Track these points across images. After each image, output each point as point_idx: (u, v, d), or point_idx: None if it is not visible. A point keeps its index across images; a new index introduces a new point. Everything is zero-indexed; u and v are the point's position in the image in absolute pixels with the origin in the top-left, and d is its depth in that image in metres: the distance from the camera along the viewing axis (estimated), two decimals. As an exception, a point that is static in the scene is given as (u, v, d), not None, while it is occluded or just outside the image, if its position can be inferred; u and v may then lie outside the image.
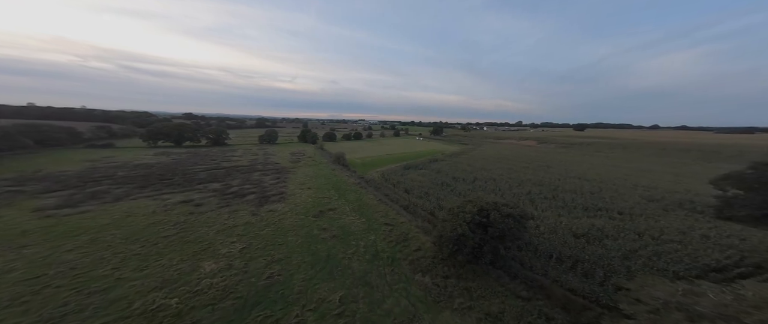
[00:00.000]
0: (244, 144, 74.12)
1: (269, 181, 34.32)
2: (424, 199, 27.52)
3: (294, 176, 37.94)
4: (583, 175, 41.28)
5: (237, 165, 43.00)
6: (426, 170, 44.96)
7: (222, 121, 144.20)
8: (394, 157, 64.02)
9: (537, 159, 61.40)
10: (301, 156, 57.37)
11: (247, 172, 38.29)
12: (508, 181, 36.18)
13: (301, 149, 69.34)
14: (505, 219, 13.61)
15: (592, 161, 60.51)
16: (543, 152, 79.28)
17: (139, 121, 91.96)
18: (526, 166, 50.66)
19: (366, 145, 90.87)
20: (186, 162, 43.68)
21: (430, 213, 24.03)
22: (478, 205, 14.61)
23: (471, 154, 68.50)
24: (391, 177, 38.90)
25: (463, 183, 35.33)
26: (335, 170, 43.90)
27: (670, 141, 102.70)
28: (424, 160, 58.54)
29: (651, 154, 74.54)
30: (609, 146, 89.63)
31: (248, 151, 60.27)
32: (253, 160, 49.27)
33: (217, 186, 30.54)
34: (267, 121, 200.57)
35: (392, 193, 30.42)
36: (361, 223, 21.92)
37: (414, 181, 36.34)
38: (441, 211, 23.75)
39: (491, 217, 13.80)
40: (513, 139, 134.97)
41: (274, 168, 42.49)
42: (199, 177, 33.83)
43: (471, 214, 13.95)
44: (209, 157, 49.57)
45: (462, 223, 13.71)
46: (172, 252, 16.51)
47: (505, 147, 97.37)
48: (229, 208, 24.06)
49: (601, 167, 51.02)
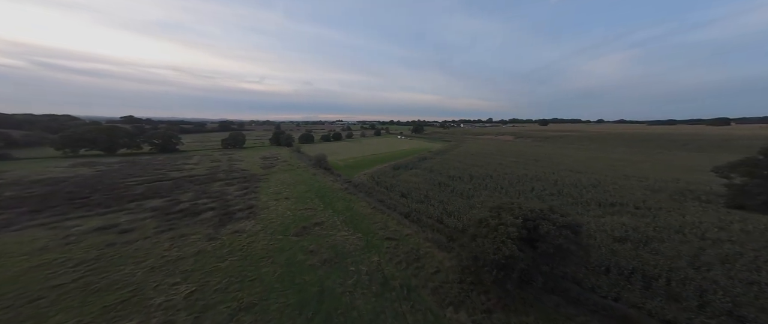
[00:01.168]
0: (202, 150, 64.52)
1: (234, 192, 28.20)
2: (425, 204, 23.87)
3: (266, 184, 32.05)
4: (573, 168, 41.05)
5: (191, 175, 35.58)
6: (417, 170, 41.63)
7: (174, 125, 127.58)
8: (379, 157, 60.00)
9: (521, 153, 61.67)
10: (274, 160, 50.71)
11: (205, 183, 31.48)
12: (506, 178, 34.15)
13: (274, 153, 62.13)
14: (561, 231, 10.34)
15: (570, 154, 62.33)
16: (523, 146, 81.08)
17: (53, 126, 74.92)
18: (515, 160, 49.89)
19: (347, 145, 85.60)
20: (116, 174, 34.88)
21: (437, 220, 20.41)
22: (519, 213, 11.21)
23: (457, 151, 67.06)
24: (381, 179, 34.81)
25: (461, 182, 32.49)
26: (316, 175, 38.62)
27: (628, 132, 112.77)
28: (411, 158, 55.40)
29: (618, 144, 79.89)
30: (579, 139, 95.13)
31: (208, 158, 51.88)
32: (213, 167, 41.80)
33: (159, 202, 23.79)
34: (233, 124, 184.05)
35: (387, 199, 26.35)
36: (358, 240, 17.56)
37: (408, 182, 32.66)
38: (450, 218, 20.32)
39: (541, 230, 10.47)
40: (490, 135, 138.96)
41: (240, 176, 35.94)
42: (134, 192, 26.39)
43: (515, 227, 10.46)
44: (152, 166, 40.88)
45: (506, 239, 10.16)
46: (62, 311, 10.70)
47: (486, 142, 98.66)
48: (174, 232, 18.08)
49: (583, 159, 52.12)
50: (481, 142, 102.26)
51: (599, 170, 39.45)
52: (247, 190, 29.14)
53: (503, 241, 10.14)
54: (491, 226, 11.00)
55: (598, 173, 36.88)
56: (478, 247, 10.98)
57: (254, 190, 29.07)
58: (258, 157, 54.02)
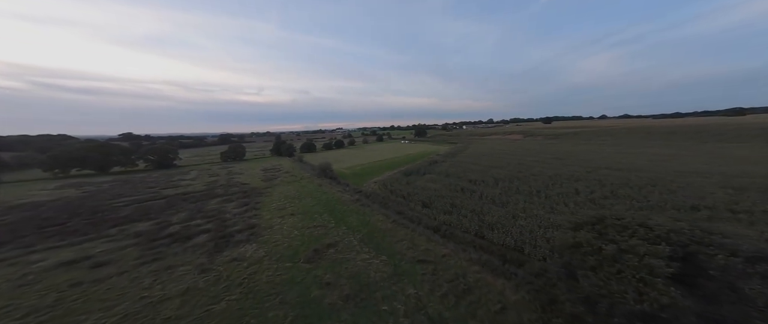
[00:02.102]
0: (201, 164, 61.91)
1: (233, 209, 25.15)
2: (455, 215, 20.63)
3: (269, 199, 29.01)
4: (610, 165, 37.19)
5: (186, 191, 32.65)
6: (432, 174, 38.48)
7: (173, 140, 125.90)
8: (387, 163, 57.01)
9: (539, 152, 58.37)
10: (276, 172, 47.84)
11: (201, 200, 28.47)
12: (537, 179, 30.83)
13: (275, 164, 59.35)
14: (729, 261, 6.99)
15: (595, 149, 58.69)
16: (537, 145, 77.76)
17: (47, 146, 72.30)
18: (535, 160, 46.62)
19: (351, 152, 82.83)
20: (105, 194, 31.93)
21: (476, 235, 17.16)
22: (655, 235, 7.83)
23: (468, 153, 63.95)
24: (395, 187, 31.69)
25: (487, 186, 29.27)
26: (322, 185, 35.58)
27: (647, 126, 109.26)
28: (421, 163, 52.37)
29: (642, 138, 76.11)
30: (596, 135, 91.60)
31: (206, 172, 49.10)
32: (211, 182, 38.91)
33: (146, 226, 20.74)
34: (233, 137, 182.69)
35: (407, 210, 23.17)
36: (383, 265, 14.36)
37: (426, 189, 29.50)
38: (493, 232, 17.04)
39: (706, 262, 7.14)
40: (497, 135, 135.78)
41: (240, 191, 32.95)
42: (119, 215, 23.33)
43: (662, 258, 7.12)
44: (146, 184, 38.06)
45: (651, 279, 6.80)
46: None
47: (495, 142, 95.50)
48: (159, 263, 14.98)
49: (614, 155, 47.71)
50: (490, 142, 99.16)
51: (643, 167, 35.24)
52: (248, 206, 26.09)
53: (646, 280, 6.82)
54: (608, 256, 7.68)
55: (645, 170, 32.67)
56: (595, 286, 7.65)
57: (255, 207, 26.02)
58: (259, 169, 51.20)
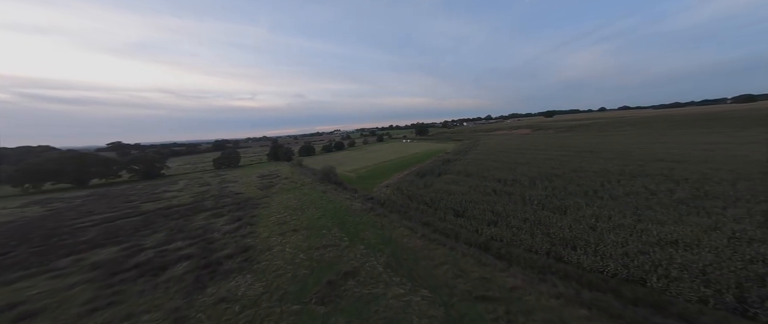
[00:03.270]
0: (191, 172, 57.76)
1: (223, 226, 21.05)
2: (504, 227, 16.52)
3: (267, 211, 24.92)
4: (663, 158, 31.54)
5: (170, 205, 28.47)
6: (450, 175, 34.45)
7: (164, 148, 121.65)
8: (394, 164, 53.03)
9: (562, 145, 54.40)
10: (274, 178, 43.77)
11: (185, 216, 24.32)
12: (583, 177, 26.57)
13: (273, 169, 55.26)
14: None
15: (626, 141, 54.01)
16: (553, 139, 73.92)
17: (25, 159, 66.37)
18: (563, 154, 42.70)
19: (352, 154, 78.81)
20: (73, 212, 27.49)
21: (549, 255, 13.09)
22: None
23: (480, 149, 60.04)
24: (411, 191, 27.67)
25: (525, 187, 25.21)
26: (327, 192, 31.54)
27: (661, 115, 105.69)
28: (432, 162, 48.46)
29: (670, 127, 71.42)
30: (615, 125, 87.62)
31: (196, 181, 44.97)
32: (200, 193, 34.78)
33: (110, 253, 16.60)
34: (228, 143, 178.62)
35: (435, 220, 19.14)
36: (427, 305, 10.33)
37: (450, 193, 25.46)
38: (576, 252, 12.99)
39: None
40: (502, 130, 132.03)
41: (233, 202, 28.85)
42: (80, 239, 19.12)
43: None
44: (126, 197, 33.86)
45: None
46: None
47: (505, 138, 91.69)
48: (115, 310, 10.87)
49: (655, 146, 41.98)
50: (498, 138, 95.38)
51: (704, 158, 30.28)
52: (241, 221, 22.01)
53: None
54: None
55: (717, 162, 27.40)
56: None
57: (251, 222, 21.93)
58: (255, 176, 47.11)
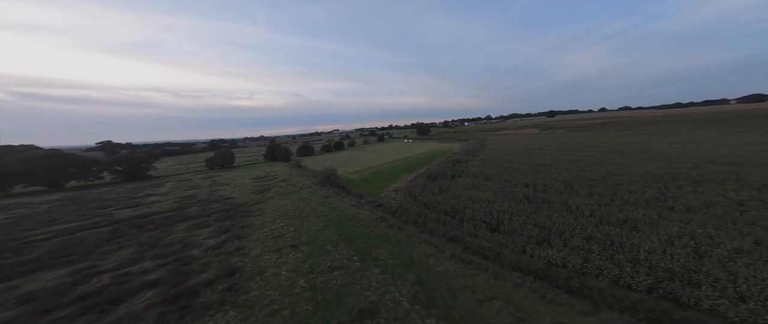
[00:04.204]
0: (182, 173, 54.25)
1: (206, 240, 17.70)
2: (561, 248, 13.22)
3: (260, 220, 21.57)
4: (714, 159, 28.26)
5: (148, 212, 25.00)
6: (467, 178, 31.19)
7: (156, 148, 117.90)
8: (399, 165, 49.76)
9: (580, 145, 51.26)
10: (270, 180, 40.42)
11: (164, 226, 20.89)
12: (632, 181, 23.29)
13: (270, 170, 51.88)
14: None
15: (651, 140, 50.83)
16: (566, 138, 70.86)
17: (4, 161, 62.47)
18: (588, 155, 39.49)
19: (353, 154, 75.49)
20: (31, 222, 23.22)
21: (668, 298, 9.76)
22: None
23: (490, 150, 56.87)
24: (426, 197, 24.41)
25: (559, 193, 22.02)
26: (329, 196, 28.26)
27: (682, 114, 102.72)
28: (441, 163, 45.26)
29: (694, 127, 67.77)
30: (632, 125, 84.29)
31: (185, 184, 41.52)
32: (186, 197, 31.37)
33: (54, 279, 13.10)
34: (224, 142, 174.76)
35: (463, 235, 15.88)
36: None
37: (473, 200, 22.21)
38: (703, 293, 9.73)
39: None
40: (508, 130, 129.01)
41: (222, 209, 25.47)
42: (24, 258, 15.44)
43: None
44: (101, 203, 30.29)
45: None
46: None
47: (513, 138, 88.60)
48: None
49: (699, 147, 38.08)
50: (506, 138, 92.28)
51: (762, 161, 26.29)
52: (229, 234, 18.68)
53: None
54: None
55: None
56: None
57: (240, 234, 18.61)
58: (250, 178, 43.73)
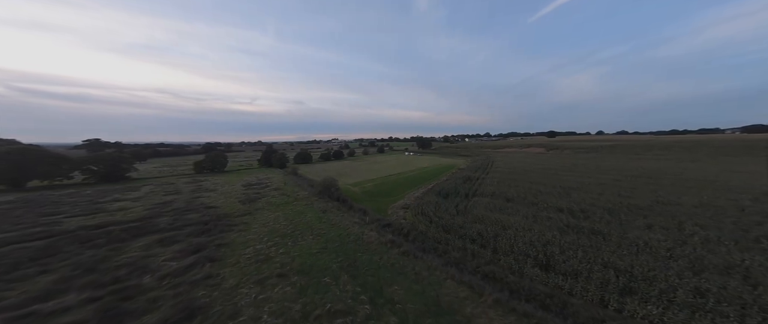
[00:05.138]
0: (166, 176, 50.15)
1: (167, 263, 13.81)
2: (669, 307, 9.76)
3: (243, 237, 17.72)
4: None
5: (108, 221, 20.91)
6: (485, 198, 27.77)
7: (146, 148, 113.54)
8: (403, 179, 46.34)
9: (599, 168, 48.45)
10: (262, 188, 36.63)
11: (118, 241, 16.91)
12: (684, 212, 20.33)
13: (263, 177, 48.08)
14: None
15: (677, 167, 48.53)
16: (577, 158, 68.43)
17: None
18: (614, 179, 36.38)
19: (353, 165, 72.05)
20: None
21: None
22: None
23: (499, 168, 53.88)
24: (441, 218, 20.90)
25: (608, 223, 18.69)
26: (328, 211, 24.56)
27: (696, 140, 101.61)
28: (449, 179, 41.99)
29: (716, 154, 65.89)
30: (644, 149, 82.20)
31: (164, 188, 37.46)
32: (160, 204, 27.37)
33: None
34: (220, 146, 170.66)
35: (500, 271, 12.29)
36: None
37: (502, 226, 18.74)
38: None
39: None
40: (512, 148, 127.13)
41: (199, 220, 21.54)
42: None
43: None
44: (55, 207, 26.05)
45: None
46: None
47: (519, 156, 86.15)
48: None
49: (725, 174, 36.32)
50: (511, 156, 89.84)
51: None
52: (200, 254, 14.82)
53: None
54: None
55: None
56: None
57: (214, 256, 14.75)
58: (239, 184, 39.87)
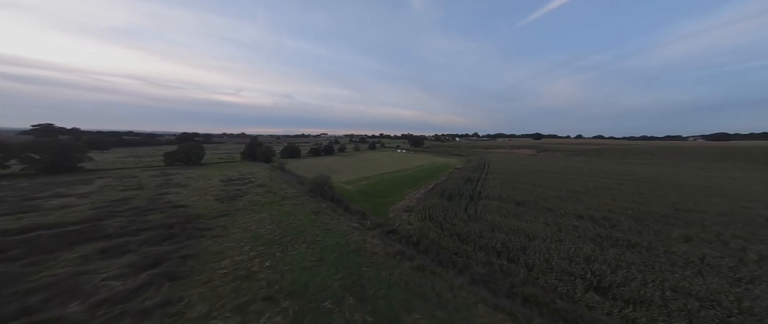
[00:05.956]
0: (127, 168, 44.35)
1: (108, 283, 10.31)
2: None
3: (219, 246, 14.29)
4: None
5: (37, 224, 16.50)
6: (494, 201, 25.75)
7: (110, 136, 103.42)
8: (400, 177, 43.82)
9: (597, 172, 48.35)
10: (244, 184, 32.65)
11: (45, 252, 13.01)
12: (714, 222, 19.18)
13: (246, 171, 43.71)
14: None
15: (673, 171, 49.56)
16: (570, 162, 69.02)
17: None
18: (618, 183, 35.68)
19: (346, 161, 68.59)
20: None
21: None
22: None
23: (497, 168, 52.74)
24: (455, 225, 18.53)
25: (639, 233, 17.01)
26: (321, 213, 21.43)
27: (674, 147, 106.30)
28: (449, 179, 40.02)
29: (696, 159, 68.76)
30: (632, 153, 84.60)
31: (123, 182, 32.44)
32: (114, 201, 23.00)
33: None
34: (198, 136, 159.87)
35: (547, 297, 9.96)
36: None
37: (526, 233, 16.60)
38: None
39: None
40: (503, 149, 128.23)
41: (162, 223, 17.70)
42: None
43: None
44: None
45: None
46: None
47: (511, 157, 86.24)
48: None
49: (729, 182, 36.01)
50: (504, 157, 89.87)
51: None
52: (158, 269, 11.39)
53: None
54: None
55: None
56: None
57: (177, 272, 11.39)
58: (218, 180, 35.54)
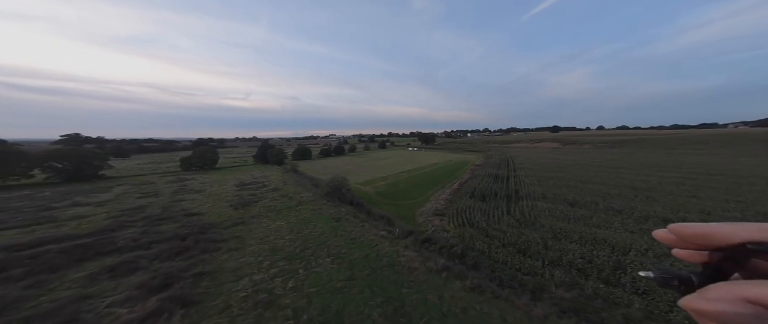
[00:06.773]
0: (145, 174, 44.40)
1: (112, 310, 8.55)
2: None
3: (234, 261, 12.49)
4: None
5: (49, 237, 15.26)
6: (540, 202, 22.98)
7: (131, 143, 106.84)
8: (418, 176, 41.36)
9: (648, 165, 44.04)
10: (258, 189, 31.27)
11: (50, 270, 11.55)
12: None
13: (259, 175, 42.64)
14: None
15: (732, 162, 43.95)
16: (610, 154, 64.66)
17: None
18: (681, 176, 31.88)
19: (357, 161, 66.79)
20: None
21: None
22: None
23: (525, 164, 49.25)
24: (505, 234, 16.13)
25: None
26: (341, 219, 19.37)
27: (730, 134, 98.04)
28: (473, 177, 37.30)
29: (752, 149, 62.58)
30: (680, 144, 77.84)
31: (140, 188, 31.87)
32: (129, 210, 21.95)
33: None
34: (212, 141, 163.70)
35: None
36: None
37: (608, 242, 13.88)
38: None
39: None
40: (523, 143, 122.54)
41: (176, 233, 16.21)
42: None
43: None
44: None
45: None
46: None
47: (535, 152, 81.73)
48: None
49: None
50: (528, 151, 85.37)
51: None
52: (168, 293, 9.64)
53: None
54: None
55: None
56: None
57: (189, 296, 9.61)
58: (232, 184, 34.45)
